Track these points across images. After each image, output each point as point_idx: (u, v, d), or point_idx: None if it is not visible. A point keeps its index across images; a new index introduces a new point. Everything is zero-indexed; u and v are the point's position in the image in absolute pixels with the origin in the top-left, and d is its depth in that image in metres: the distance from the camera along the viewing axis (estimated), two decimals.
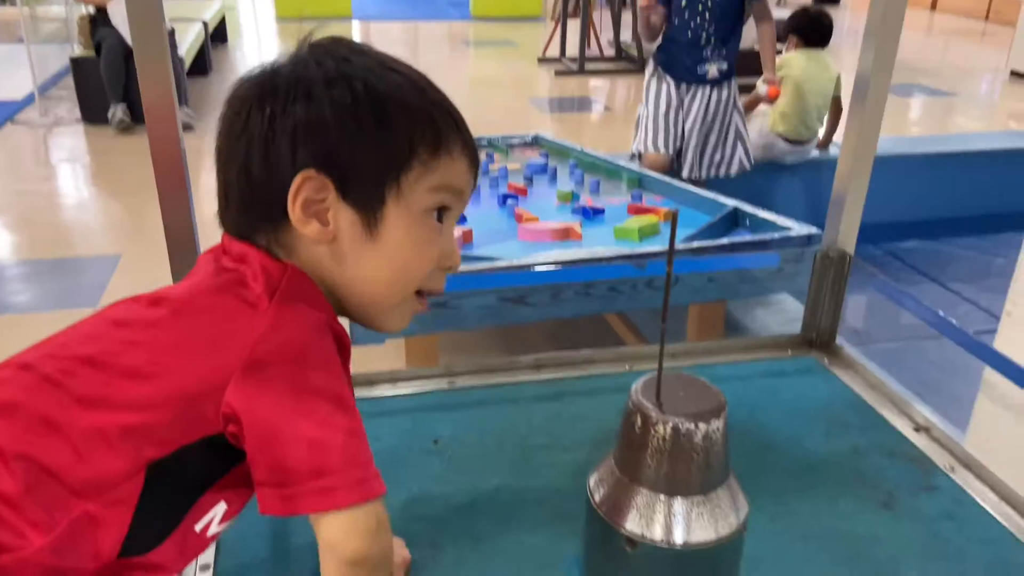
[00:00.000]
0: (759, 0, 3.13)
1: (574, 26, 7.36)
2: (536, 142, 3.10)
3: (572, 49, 7.34)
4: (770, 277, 1.87)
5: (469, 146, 0.69)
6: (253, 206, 0.66)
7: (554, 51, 7.54)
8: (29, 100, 5.39)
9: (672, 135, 3.22)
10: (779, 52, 3.55)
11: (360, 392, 1.19)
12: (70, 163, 4.70)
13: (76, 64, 5.07)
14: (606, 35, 7.75)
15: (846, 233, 1.31)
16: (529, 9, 9.88)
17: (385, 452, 1.07)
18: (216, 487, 0.65)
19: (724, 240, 1.94)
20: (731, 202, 2.14)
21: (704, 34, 3.07)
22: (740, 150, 3.26)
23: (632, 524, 0.75)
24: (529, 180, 2.56)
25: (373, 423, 1.11)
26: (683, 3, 3.06)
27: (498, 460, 1.07)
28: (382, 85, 0.65)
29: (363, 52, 0.67)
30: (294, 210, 0.64)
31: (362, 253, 0.66)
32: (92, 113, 5.06)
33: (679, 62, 3.16)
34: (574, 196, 2.37)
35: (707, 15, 3.04)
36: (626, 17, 7.48)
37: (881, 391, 1.24)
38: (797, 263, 1.84)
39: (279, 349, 0.61)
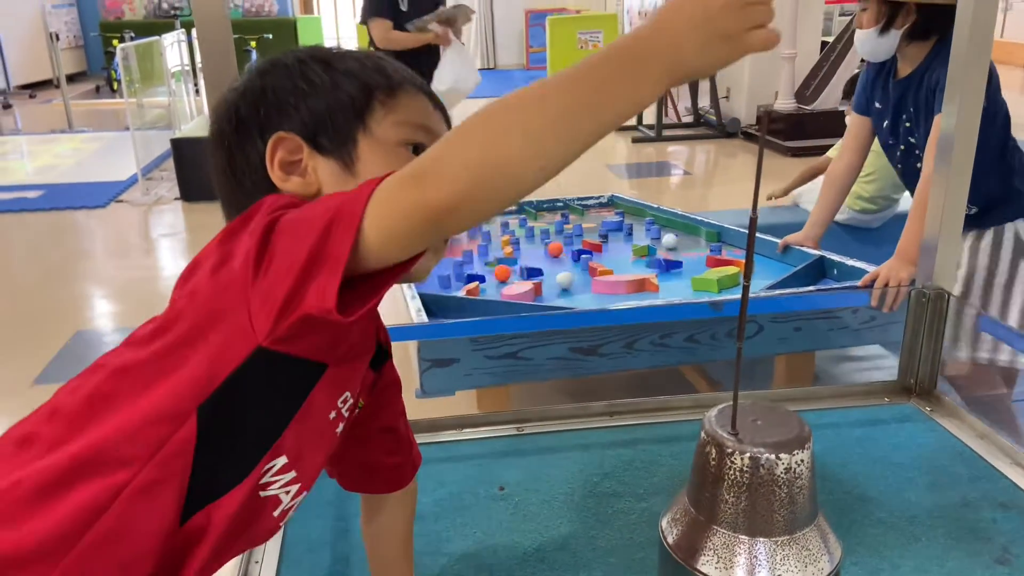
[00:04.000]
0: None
1: None
2: (612, 203, 3.08)
3: (648, 117, 7.38)
4: (862, 326, 1.76)
5: (425, 87, 0.73)
6: (246, 196, 0.68)
7: (630, 119, 7.60)
8: (133, 180, 5.74)
9: None
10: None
11: (426, 437, 1.16)
12: (169, 238, 4.95)
13: (176, 145, 5.39)
14: (683, 102, 7.77)
15: (943, 269, 1.22)
16: None
17: (450, 498, 1.03)
18: (271, 433, 0.63)
19: (810, 288, 1.84)
20: (817, 251, 2.05)
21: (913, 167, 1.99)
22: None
23: (710, 568, 0.68)
24: (604, 237, 2.53)
25: (438, 468, 1.09)
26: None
27: (567, 508, 1.01)
28: (326, 51, 0.72)
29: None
30: (273, 171, 0.67)
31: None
32: (190, 191, 5.34)
33: None
34: (650, 250, 2.33)
35: (898, 153, 2.01)
36: (703, 85, 7.50)
37: (991, 440, 1.13)
38: (892, 312, 1.73)
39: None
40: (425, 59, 4.12)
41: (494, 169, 0.53)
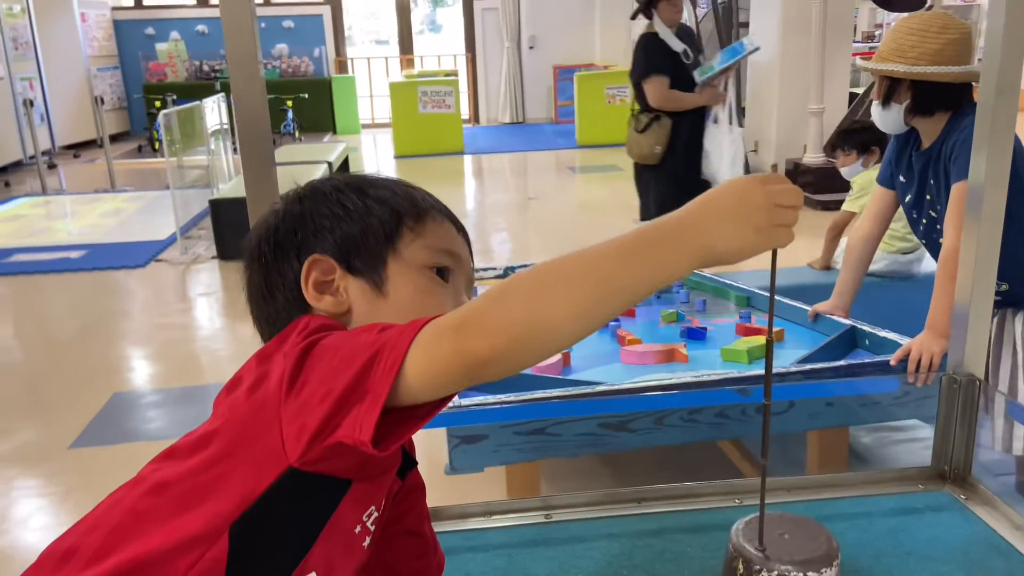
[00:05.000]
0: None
1: None
2: None
3: None
4: (895, 402, 1.74)
5: (450, 215, 0.78)
6: (279, 310, 0.72)
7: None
8: (171, 240, 5.88)
9: None
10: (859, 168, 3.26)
11: (452, 525, 1.16)
12: (206, 297, 5.05)
13: (215, 206, 5.53)
14: None
15: (973, 354, 1.21)
16: None
17: None
18: (299, 549, 0.64)
19: (841, 363, 1.83)
20: (848, 321, 2.04)
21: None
22: None
23: None
24: None
25: (466, 559, 1.09)
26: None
27: None
28: (360, 179, 0.77)
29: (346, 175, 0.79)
30: (308, 291, 0.71)
31: (379, 312, 0.71)
32: (227, 250, 5.46)
33: None
34: (679, 316, 2.33)
35: (921, 228, 2.03)
36: None
37: None
38: (926, 386, 1.71)
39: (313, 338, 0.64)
40: (700, 116, 3.80)
41: (534, 328, 0.57)
